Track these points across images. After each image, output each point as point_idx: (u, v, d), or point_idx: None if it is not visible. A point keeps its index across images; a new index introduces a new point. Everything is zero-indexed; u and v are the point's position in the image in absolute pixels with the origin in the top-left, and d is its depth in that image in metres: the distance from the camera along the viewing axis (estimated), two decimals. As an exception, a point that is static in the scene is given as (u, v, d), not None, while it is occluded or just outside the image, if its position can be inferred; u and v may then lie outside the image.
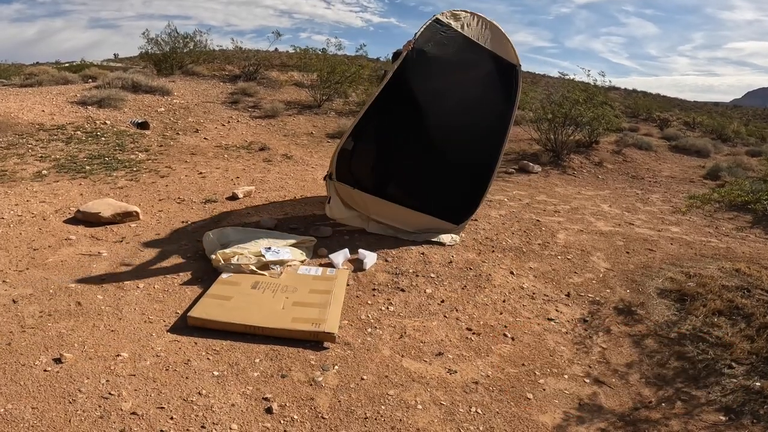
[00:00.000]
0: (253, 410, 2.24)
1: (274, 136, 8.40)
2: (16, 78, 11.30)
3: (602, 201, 6.58)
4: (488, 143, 4.41)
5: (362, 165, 4.28)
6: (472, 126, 4.39)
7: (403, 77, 4.07)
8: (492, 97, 4.46)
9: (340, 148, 4.12)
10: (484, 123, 4.44)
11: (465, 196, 4.46)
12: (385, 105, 4.11)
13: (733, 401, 2.59)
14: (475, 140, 4.41)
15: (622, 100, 19.63)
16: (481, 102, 4.44)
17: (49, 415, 2.08)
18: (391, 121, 4.25)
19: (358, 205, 4.34)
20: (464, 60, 4.32)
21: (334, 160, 4.17)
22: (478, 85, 4.46)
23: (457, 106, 4.32)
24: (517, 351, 2.93)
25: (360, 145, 4.19)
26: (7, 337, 2.57)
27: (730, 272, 4.07)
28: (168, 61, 12.71)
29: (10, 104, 7.60)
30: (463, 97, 4.35)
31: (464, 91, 4.38)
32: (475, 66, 4.38)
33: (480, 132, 4.42)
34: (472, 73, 4.42)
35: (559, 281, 3.86)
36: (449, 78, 4.29)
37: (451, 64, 4.27)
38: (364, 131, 4.21)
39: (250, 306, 2.96)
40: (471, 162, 4.41)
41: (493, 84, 4.46)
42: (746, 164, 9.39)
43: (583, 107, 8.49)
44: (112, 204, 4.34)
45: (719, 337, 3.10)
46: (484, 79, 4.46)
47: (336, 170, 4.19)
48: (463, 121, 4.37)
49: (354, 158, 4.20)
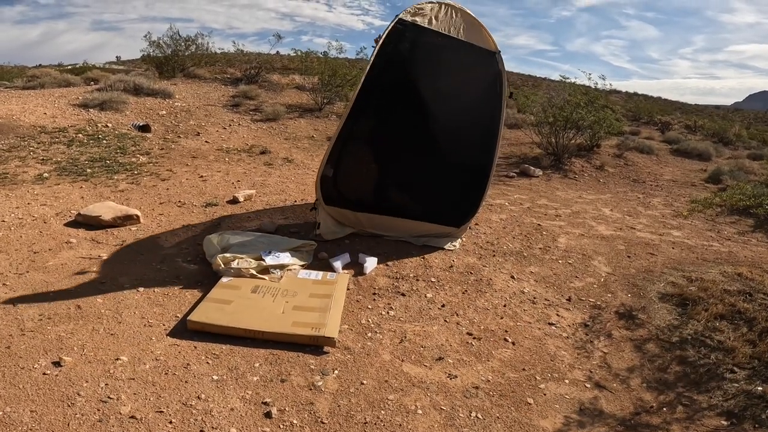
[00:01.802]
0: (253, 415, 2.24)
1: (275, 139, 8.41)
2: (19, 80, 11.34)
3: (603, 205, 6.57)
4: (481, 140, 4.22)
5: (350, 184, 4.16)
6: (460, 125, 4.17)
7: (377, 88, 3.88)
8: (476, 91, 4.21)
9: (321, 175, 3.99)
10: (474, 120, 4.22)
11: (463, 199, 4.31)
12: (363, 119, 3.97)
13: (735, 406, 2.58)
14: (467, 139, 4.21)
15: (624, 103, 19.65)
16: (465, 98, 4.19)
17: (48, 419, 2.07)
18: (376, 134, 4.13)
19: (352, 222, 4.25)
20: (440, 57, 4.05)
21: (318, 188, 4.04)
22: (459, 81, 4.16)
23: (442, 106, 4.11)
24: (517, 356, 2.92)
25: (345, 165, 4.05)
26: (7, 340, 2.57)
27: (732, 276, 4.06)
28: (170, 64, 12.75)
29: (12, 106, 7.62)
30: (446, 97, 4.12)
31: (447, 90, 4.12)
32: (452, 60, 4.08)
33: (471, 130, 4.21)
34: (451, 68, 4.11)
35: (560, 286, 3.85)
36: (429, 79, 4.06)
37: (428, 63, 4.04)
38: (345, 149, 4.03)
39: (251, 310, 2.95)
40: (465, 163, 4.23)
41: (475, 77, 4.19)
42: (748, 168, 9.38)
43: (585, 111, 8.49)
44: (113, 207, 4.34)
45: (721, 341, 3.09)
46: (464, 73, 4.16)
47: (323, 196, 4.07)
48: (452, 121, 4.15)
49: (340, 179, 4.07)
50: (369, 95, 3.87)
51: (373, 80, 3.84)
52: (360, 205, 4.18)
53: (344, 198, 4.15)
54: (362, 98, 3.85)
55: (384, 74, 3.87)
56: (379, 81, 3.88)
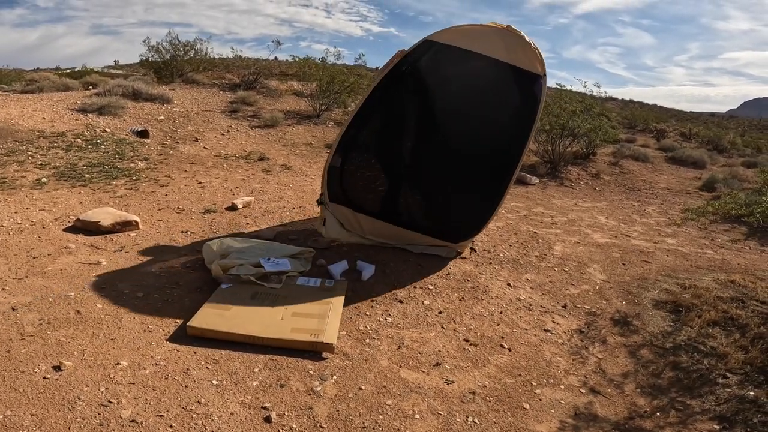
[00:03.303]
0: (252, 419, 2.26)
1: (273, 146, 8.45)
2: (17, 84, 11.33)
3: (599, 213, 6.63)
4: (498, 168, 3.99)
5: (356, 184, 4.17)
6: (479, 150, 3.99)
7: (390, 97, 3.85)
8: (503, 115, 3.96)
9: (329, 166, 3.97)
10: (494, 146, 3.99)
11: (469, 220, 4.20)
12: (377, 113, 3.95)
13: (727, 410, 2.61)
14: (483, 165, 4.01)
15: (619, 110, 19.79)
16: (489, 122, 3.96)
17: (49, 422, 2.09)
18: (386, 141, 4.13)
19: (353, 226, 4.25)
20: (465, 77, 3.87)
21: (325, 180, 4.03)
22: (484, 102, 3.93)
23: (461, 127, 4.00)
24: (513, 361, 2.95)
25: (352, 162, 4.05)
26: (7, 344, 2.58)
27: (725, 283, 4.11)
28: (168, 69, 12.77)
29: (11, 110, 7.64)
30: (467, 118, 3.96)
31: (468, 111, 3.95)
32: (479, 81, 3.88)
33: (489, 155, 4.00)
34: (477, 89, 3.93)
35: (556, 293, 3.89)
36: (450, 98, 3.95)
37: (450, 82, 3.90)
38: (356, 142, 4.01)
39: (250, 316, 2.98)
40: (477, 187, 4.09)
41: (505, 100, 3.94)
42: (742, 176, 9.48)
43: (581, 118, 8.57)
44: (112, 213, 4.36)
45: (714, 347, 3.13)
46: (492, 94, 3.92)
47: (328, 191, 4.07)
48: (469, 145, 3.99)
49: (345, 176, 4.07)
50: (380, 101, 3.86)
51: (388, 88, 3.80)
52: (361, 208, 4.18)
53: (347, 197, 4.15)
54: (373, 102, 3.84)
55: (399, 85, 3.83)
56: (396, 89, 3.84)
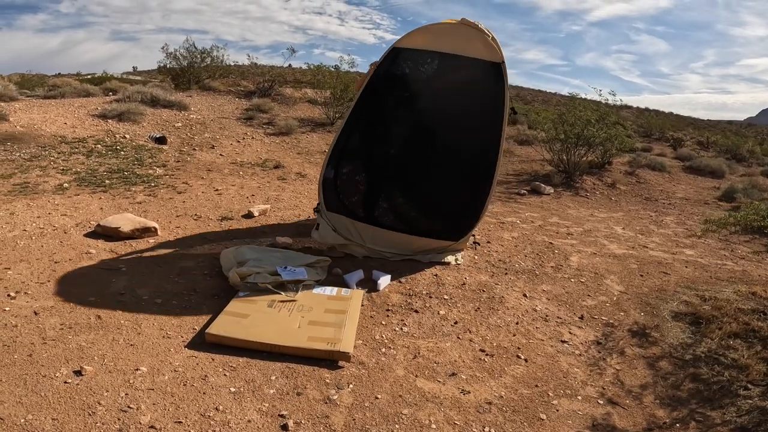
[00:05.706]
0: (269, 427, 2.27)
1: (288, 153, 8.51)
2: (40, 89, 11.53)
3: (615, 223, 6.57)
4: (482, 157, 4.16)
5: (351, 191, 4.30)
6: (460, 142, 4.21)
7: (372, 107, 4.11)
8: (477, 106, 4.14)
9: (323, 177, 4.13)
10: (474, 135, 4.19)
11: (463, 214, 4.29)
12: (362, 125, 4.16)
13: (749, 421, 2.57)
14: (467, 156, 4.21)
15: (635, 119, 19.62)
16: (466, 114, 4.15)
17: (69, 427, 2.12)
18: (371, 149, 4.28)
19: (351, 234, 4.29)
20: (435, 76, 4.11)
21: (320, 191, 4.19)
22: (458, 97, 4.13)
23: (441, 123, 4.21)
24: (530, 372, 2.93)
25: (345, 170, 4.19)
26: (29, 348, 2.63)
27: (746, 295, 4.05)
28: (185, 76, 12.94)
29: (34, 116, 7.80)
30: (445, 114, 4.17)
31: (444, 107, 4.18)
32: (450, 77, 4.10)
33: (471, 147, 4.21)
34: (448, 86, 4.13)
35: (573, 304, 3.86)
36: (425, 98, 4.21)
37: (423, 82, 4.17)
38: (346, 154, 4.22)
39: (267, 324, 2.99)
40: (466, 179, 4.25)
41: (477, 91, 4.11)
42: (762, 185, 9.34)
43: (596, 127, 8.50)
44: (132, 219, 4.42)
45: (735, 359, 3.08)
46: (464, 89, 4.12)
47: (326, 201, 4.20)
48: (451, 138, 4.23)
49: (340, 185, 4.21)
50: (363, 113, 4.13)
51: (368, 100, 4.09)
52: (358, 216, 4.28)
53: (344, 205, 4.27)
54: (357, 115, 4.11)
55: (379, 94, 4.11)
56: (375, 100, 4.12)
